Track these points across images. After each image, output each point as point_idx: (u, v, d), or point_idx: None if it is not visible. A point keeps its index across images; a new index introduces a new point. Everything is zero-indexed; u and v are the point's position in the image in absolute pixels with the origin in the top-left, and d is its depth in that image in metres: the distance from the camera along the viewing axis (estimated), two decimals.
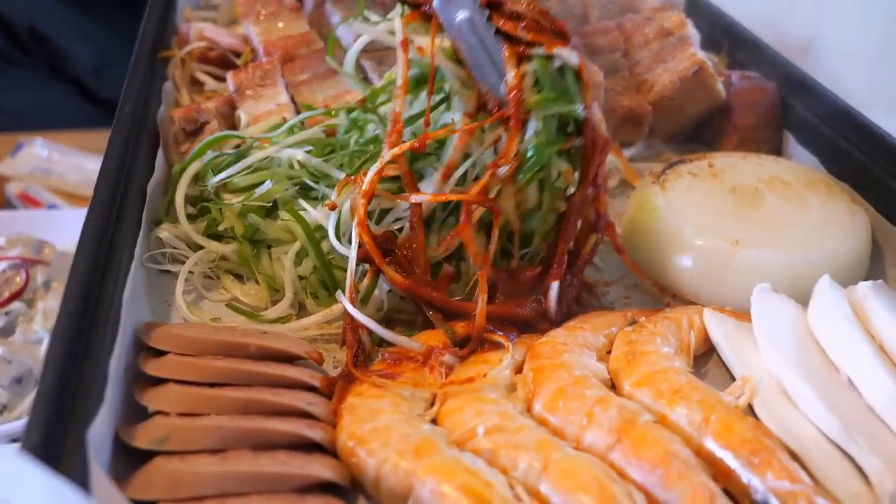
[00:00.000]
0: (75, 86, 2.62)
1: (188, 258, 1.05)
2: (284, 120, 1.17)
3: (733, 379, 0.93)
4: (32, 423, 0.67)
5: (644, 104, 1.31)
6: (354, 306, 0.91)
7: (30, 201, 2.01)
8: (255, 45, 1.40)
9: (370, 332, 0.92)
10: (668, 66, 1.33)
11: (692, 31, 1.39)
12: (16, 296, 1.44)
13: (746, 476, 0.76)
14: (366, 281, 0.96)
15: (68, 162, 2.18)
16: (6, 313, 1.42)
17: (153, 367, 0.86)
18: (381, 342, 0.93)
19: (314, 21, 1.46)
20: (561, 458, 0.76)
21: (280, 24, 1.42)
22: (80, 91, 2.62)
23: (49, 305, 1.44)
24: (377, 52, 1.33)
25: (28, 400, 1.35)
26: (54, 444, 0.66)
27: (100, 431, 0.73)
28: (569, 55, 0.96)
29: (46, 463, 0.63)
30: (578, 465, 0.75)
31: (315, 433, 0.80)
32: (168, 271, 1.06)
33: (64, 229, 1.69)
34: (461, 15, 0.94)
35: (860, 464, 0.77)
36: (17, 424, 1.27)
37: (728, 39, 1.49)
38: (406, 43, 0.96)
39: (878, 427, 0.79)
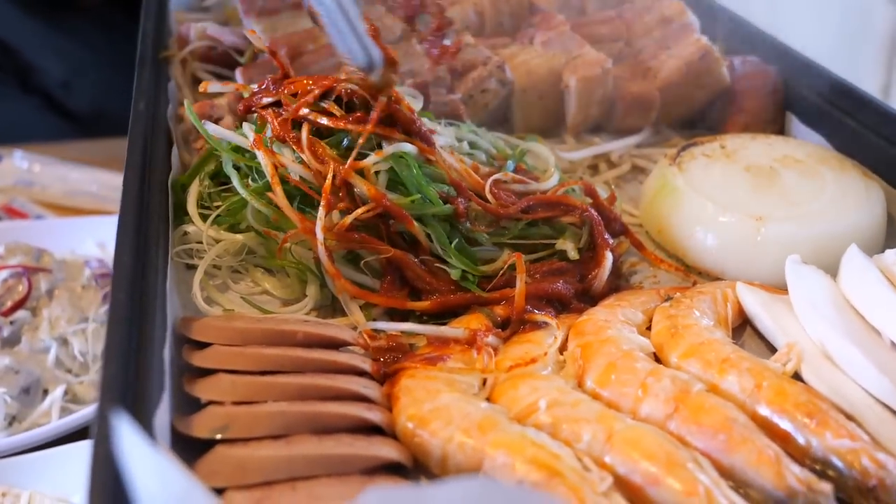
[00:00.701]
0: (45, 99, 2.59)
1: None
2: None
3: (770, 349, 0.95)
4: (103, 413, 0.65)
5: (652, 90, 1.32)
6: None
7: (15, 214, 1.97)
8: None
9: None
10: (672, 53, 1.35)
11: (693, 18, 1.41)
12: (19, 304, 1.41)
13: (805, 437, 0.77)
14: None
15: (51, 173, 2.14)
16: (11, 322, 1.39)
17: (200, 359, 0.85)
18: None
19: (314, 16, 1.46)
20: (623, 428, 0.77)
21: (283, 21, 1.41)
22: (49, 104, 2.59)
23: (54, 313, 1.42)
24: None
25: (37, 410, 1.33)
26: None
27: (162, 421, 0.72)
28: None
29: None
30: (642, 434, 0.76)
31: (374, 415, 0.79)
32: (195, 266, 1.05)
33: (57, 238, 1.66)
34: None
35: None
36: (29, 436, 1.25)
37: (723, 25, 1.51)
38: None
39: None
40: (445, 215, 0.99)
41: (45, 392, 1.35)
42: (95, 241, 1.70)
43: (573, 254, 1.02)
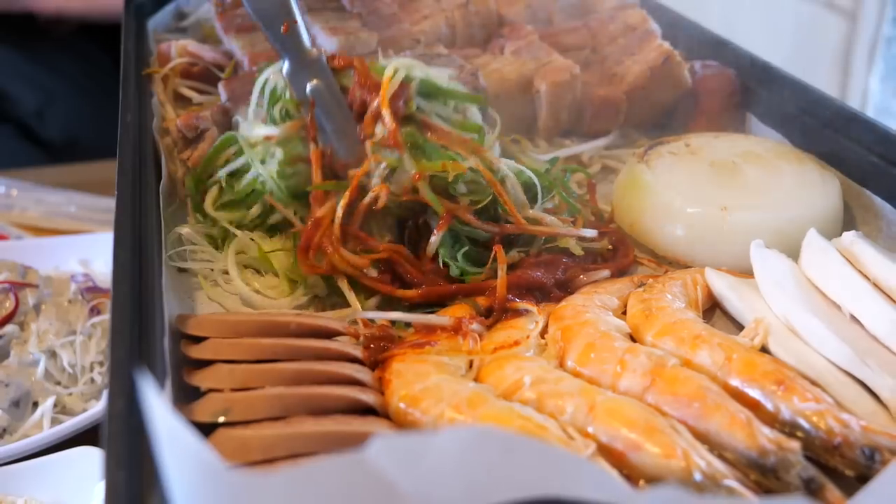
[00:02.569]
0: (18, 128, 2.61)
1: (207, 254, 1.07)
2: None
3: (738, 329, 1.00)
4: (114, 393, 0.69)
5: (618, 94, 1.38)
6: None
7: None
8: (239, 58, 1.43)
9: None
10: (637, 59, 1.41)
11: (654, 26, 1.47)
12: (7, 319, 1.43)
13: (773, 403, 0.82)
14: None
15: (29, 196, 2.16)
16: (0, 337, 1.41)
17: (198, 351, 0.88)
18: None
19: None
20: (604, 400, 0.81)
21: (261, 38, 1.45)
22: (22, 133, 2.61)
23: (42, 327, 1.43)
24: None
25: (27, 422, 1.34)
26: (137, 412, 0.68)
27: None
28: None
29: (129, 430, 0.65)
30: (622, 404, 0.80)
31: (368, 397, 0.83)
32: (186, 269, 1.08)
33: (40, 257, 1.68)
34: (311, 84, 1.04)
35: (872, 386, 0.84)
36: (22, 444, 1.26)
37: (682, 32, 1.58)
38: None
39: (884, 353, 0.87)
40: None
41: (35, 404, 1.36)
42: (78, 258, 1.72)
43: (577, 249, 1.07)
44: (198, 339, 0.91)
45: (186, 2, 1.81)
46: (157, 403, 0.52)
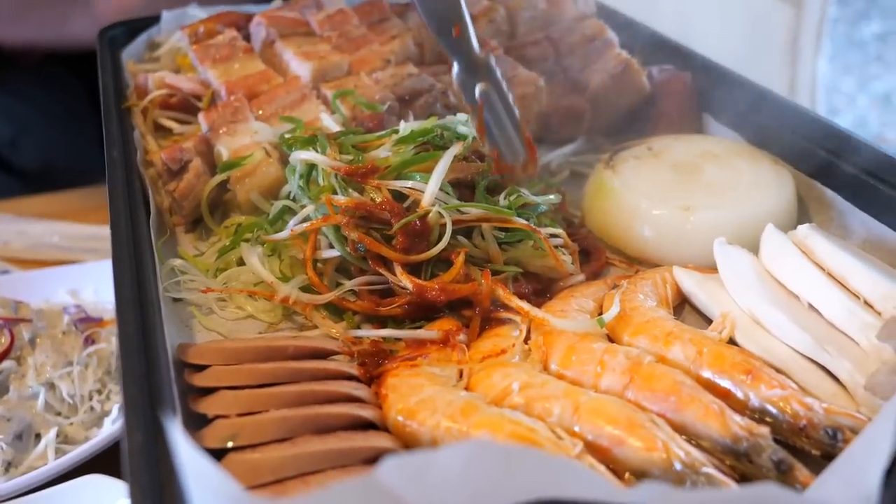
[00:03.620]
0: None
1: (196, 283, 1.11)
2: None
3: (707, 322, 1.05)
4: (132, 428, 0.72)
5: (582, 103, 1.43)
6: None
7: None
8: (216, 88, 1.46)
9: None
10: (597, 68, 1.46)
11: (612, 35, 1.53)
12: (4, 355, 1.45)
13: (742, 392, 0.87)
14: None
15: (10, 228, 2.16)
16: None
17: (201, 379, 0.92)
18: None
19: (266, 59, 1.54)
20: (587, 400, 0.86)
21: (236, 66, 1.49)
22: None
23: (38, 360, 1.46)
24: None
25: (32, 454, 1.37)
26: (155, 442, 0.72)
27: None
28: None
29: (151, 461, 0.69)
30: (604, 403, 0.85)
31: (367, 412, 0.87)
32: (181, 299, 1.12)
33: (30, 290, 1.70)
34: (480, 87, 1.04)
35: (832, 369, 0.90)
36: (29, 477, 1.29)
37: (638, 39, 1.63)
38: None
39: (841, 338, 0.92)
40: None
41: (38, 436, 1.39)
42: (66, 289, 1.73)
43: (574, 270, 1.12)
44: (199, 367, 0.95)
45: (157, 31, 1.83)
46: (181, 441, 0.55)
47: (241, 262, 1.17)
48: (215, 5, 1.86)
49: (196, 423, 0.87)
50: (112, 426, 1.34)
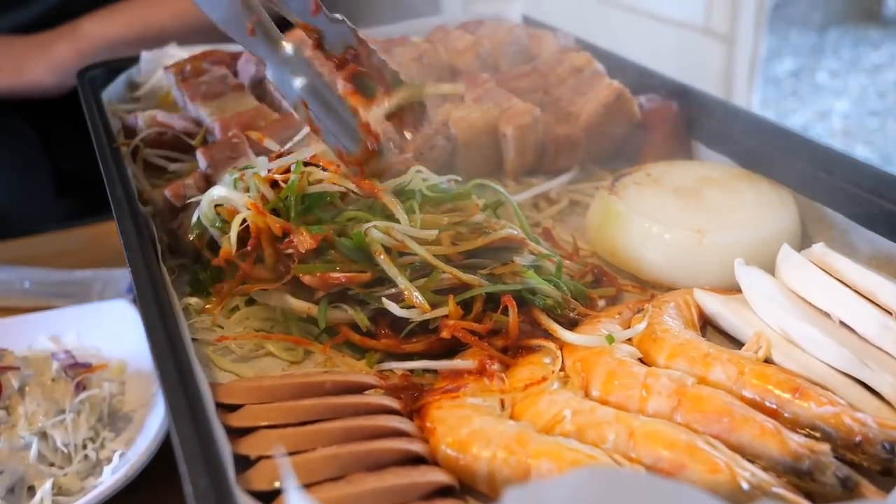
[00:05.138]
0: None
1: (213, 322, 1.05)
2: None
3: (731, 343, 1.04)
4: (195, 474, 0.66)
5: (577, 132, 1.42)
6: None
7: None
8: (209, 125, 1.40)
9: None
10: (589, 97, 1.45)
11: (600, 66, 1.52)
12: None
13: (791, 410, 0.85)
14: None
15: None
16: None
17: (238, 419, 0.86)
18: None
19: (257, 97, 1.49)
20: (641, 424, 0.83)
21: (229, 103, 1.43)
22: None
23: (29, 409, 1.36)
24: None
25: None
26: (220, 490, 0.66)
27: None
28: None
29: None
30: (659, 427, 0.82)
31: (417, 446, 0.82)
32: (196, 339, 1.05)
33: (11, 337, 1.60)
34: (299, 82, 0.95)
35: (873, 384, 0.88)
36: None
37: (621, 70, 1.63)
38: None
39: (878, 353, 0.91)
40: None
41: (31, 489, 1.29)
42: (47, 335, 1.64)
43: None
44: (230, 407, 0.89)
45: (137, 72, 1.77)
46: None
47: (251, 300, 1.11)
48: (193, 45, 1.82)
49: (238, 466, 0.81)
50: (113, 475, 1.25)
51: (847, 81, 3.89)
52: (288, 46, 0.98)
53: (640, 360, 0.98)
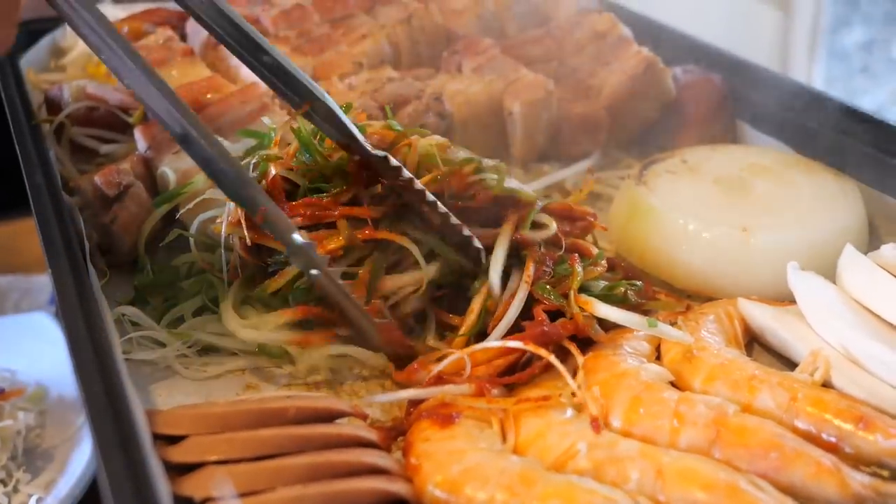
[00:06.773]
0: None
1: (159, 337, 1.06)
2: None
3: (782, 363, 1.04)
4: None
5: (598, 110, 1.43)
6: None
7: None
8: None
9: None
10: (613, 68, 1.46)
11: (626, 30, 1.53)
12: None
13: (853, 443, 0.86)
14: None
15: None
16: None
17: (181, 453, 0.86)
18: None
19: (209, 64, 1.50)
20: (671, 461, 0.83)
21: (174, 72, 1.44)
22: None
23: None
24: None
25: None
26: None
27: None
28: None
29: None
30: (693, 464, 0.83)
31: (397, 486, 0.83)
32: (129, 358, 1.06)
33: None
34: (313, 272, 1.02)
35: None
36: None
37: (650, 36, 1.65)
38: None
39: None
40: None
41: None
42: None
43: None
44: (172, 439, 0.89)
45: (62, 34, 1.78)
46: None
47: (198, 311, 1.12)
48: (133, 3, 1.83)
49: None
50: None
51: None
52: (296, 239, 1.02)
53: (672, 384, 0.98)
